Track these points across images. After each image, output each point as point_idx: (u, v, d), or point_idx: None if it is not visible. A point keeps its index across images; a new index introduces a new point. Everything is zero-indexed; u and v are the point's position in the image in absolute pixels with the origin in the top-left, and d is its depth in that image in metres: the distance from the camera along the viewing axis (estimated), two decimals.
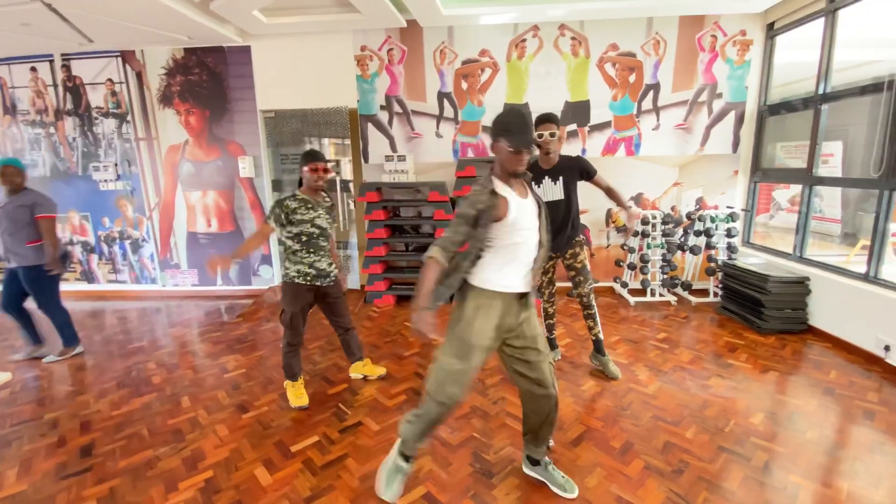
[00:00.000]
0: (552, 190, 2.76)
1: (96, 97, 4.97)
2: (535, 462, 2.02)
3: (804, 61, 4.24)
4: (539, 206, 1.79)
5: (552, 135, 2.62)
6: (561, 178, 2.73)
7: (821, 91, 3.73)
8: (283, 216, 2.49)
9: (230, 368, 3.24)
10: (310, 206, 2.54)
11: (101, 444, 2.40)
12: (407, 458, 1.91)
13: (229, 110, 4.84)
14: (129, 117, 4.96)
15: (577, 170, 2.74)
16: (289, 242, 2.56)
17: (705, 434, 2.34)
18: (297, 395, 2.69)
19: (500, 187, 1.69)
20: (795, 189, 6.64)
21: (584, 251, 2.88)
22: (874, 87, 3.22)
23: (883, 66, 4.64)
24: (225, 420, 2.57)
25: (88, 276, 5.40)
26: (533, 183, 2.49)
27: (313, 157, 2.52)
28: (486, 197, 1.65)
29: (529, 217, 1.72)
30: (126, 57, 4.83)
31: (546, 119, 2.65)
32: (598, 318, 2.95)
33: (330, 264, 2.67)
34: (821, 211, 4.77)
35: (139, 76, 4.86)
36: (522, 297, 1.78)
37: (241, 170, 4.89)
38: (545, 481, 1.99)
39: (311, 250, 2.57)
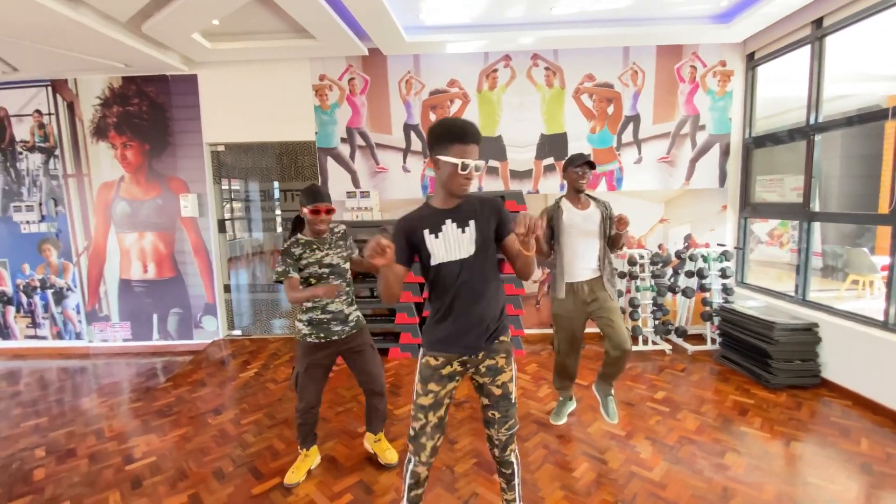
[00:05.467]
0: (457, 240, 1.60)
1: (21, 130, 4.43)
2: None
3: (788, 93, 4.09)
4: None
5: (479, 168, 1.52)
6: (472, 222, 1.61)
7: (812, 121, 3.47)
8: (295, 264, 2.16)
9: (137, 456, 2.59)
10: (314, 246, 2.20)
11: None
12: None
13: (172, 144, 4.35)
14: (57, 152, 4.41)
15: (495, 216, 1.63)
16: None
17: None
18: (295, 468, 2.30)
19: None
20: (774, 222, 6.54)
21: (512, 364, 1.69)
22: (876, 115, 2.95)
23: (855, 100, 4.58)
24: None
25: (3, 332, 4.66)
26: (426, 233, 1.59)
27: (313, 196, 2.13)
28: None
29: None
30: (57, 86, 4.34)
31: (476, 139, 1.52)
32: (518, 485, 1.78)
33: (349, 304, 2.25)
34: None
35: (71, 107, 4.36)
36: None
37: (183, 209, 4.35)
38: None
39: None
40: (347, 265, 2.27)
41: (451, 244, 1.58)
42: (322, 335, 2.17)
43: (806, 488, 2.16)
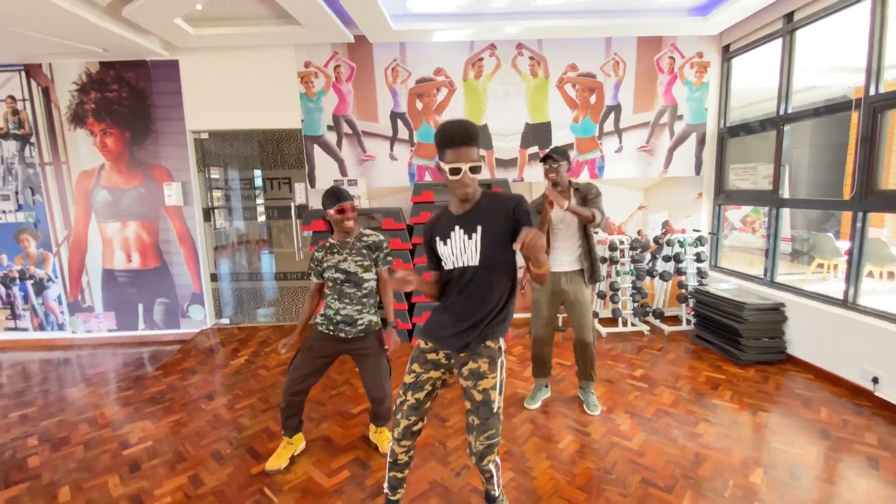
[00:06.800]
0: (462, 247, 1.62)
1: None
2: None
3: (761, 85, 4.25)
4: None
5: (474, 170, 1.55)
6: (480, 227, 1.60)
7: (782, 112, 3.65)
8: (317, 268, 2.28)
9: (133, 441, 2.63)
10: (335, 250, 2.25)
11: None
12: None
13: (154, 131, 4.28)
14: (33, 139, 4.29)
15: (509, 217, 1.57)
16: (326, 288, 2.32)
17: (704, 502, 1.99)
18: (277, 454, 2.33)
19: None
20: (747, 209, 6.81)
21: (498, 371, 1.64)
22: (842, 106, 3.13)
23: (825, 91, 4.79)
24: None
25: None
26: (438, 240, 1.66)
27: (335, 197, 2.17)
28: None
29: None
30: (31, 71, 4.21)
31: (466, 140, 1.51)
32: (497, 481, 1.80)
33: (360, 312, 2.26)
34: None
35: (46, 92, 4.24)
36: None
37: (166, 198, 4.31)
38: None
39: (337, 297, 2.25)
40: (368, 275, 2.25)
41: (458, 251, 1.61)
42: (331, 328, 2.25)
43: (770, 452, 2.35)
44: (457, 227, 1.61)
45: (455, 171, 1.50)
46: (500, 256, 1.58)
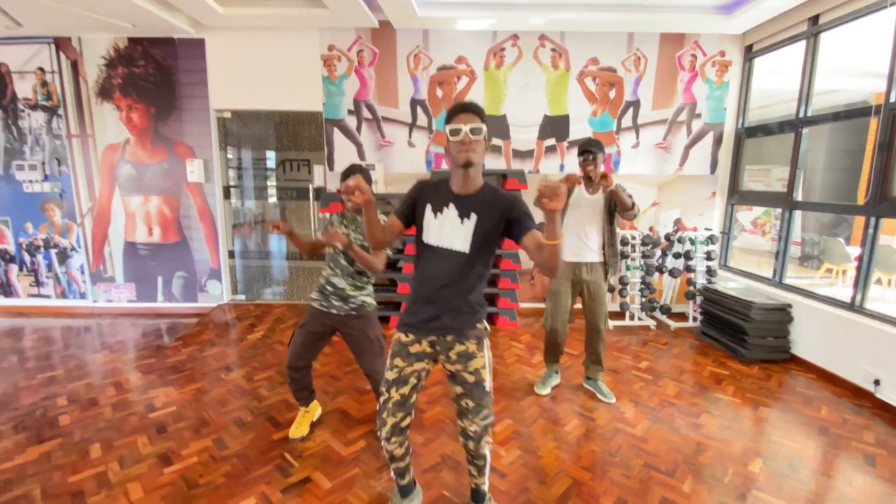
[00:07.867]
0: (453, 228, 1.57)
1: (24, 87, 4.39)
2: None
3: (780, 87, 4.25)
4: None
5: (475, 131, 1.47)
6: (475, 216, 1.56)
7: (801, 114, 3.66)
8: (325, 224, 2.38)
9: (158, 405, 2.76)
10: (345, 221, 2.31)
11: None
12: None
13: (178, 108, 4.36)
14: (60, 111, 4.39)
15: (505, 215, 1.54)
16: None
17: (703, 486, 2.08)
18: (297, 423, 2.48)
19: None
20: (758, 211, 6.80)
21: (485, 351, 1.66)
22: (861, 111, 3.15)
23: (845, 95, 4.77)
24: (141, 476, 2.11)
25: (5, 290, 4.71)
26: (428, 206, 1.59)
27: (345, 173, 2.20)
28: None
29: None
30: (60, 44, 4.29)
31: (466, 108, 1.51)
32: (487, 469, 1.79)
33: (354, 288, 2.29)
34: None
35: (74, 66, 4.32)
36: None
37: (189, 174, 4.40)
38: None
39: (332, 264, 2.32)
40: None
41: (446, 230, 1.56)
42: (324, 304, 2.29)
43: (769, 445, 2.43)
44: (451, 205, 1.55)
45: (455, 132, 1.47)
46: (486, 249, 1.58)
